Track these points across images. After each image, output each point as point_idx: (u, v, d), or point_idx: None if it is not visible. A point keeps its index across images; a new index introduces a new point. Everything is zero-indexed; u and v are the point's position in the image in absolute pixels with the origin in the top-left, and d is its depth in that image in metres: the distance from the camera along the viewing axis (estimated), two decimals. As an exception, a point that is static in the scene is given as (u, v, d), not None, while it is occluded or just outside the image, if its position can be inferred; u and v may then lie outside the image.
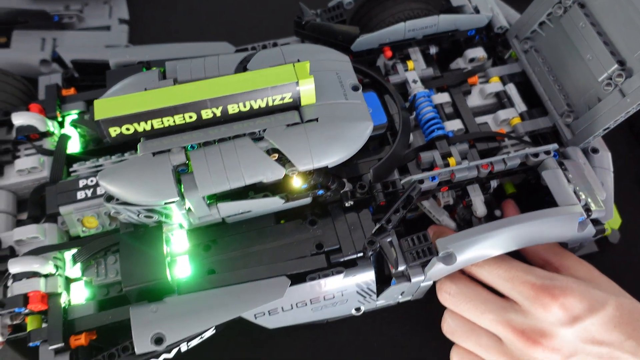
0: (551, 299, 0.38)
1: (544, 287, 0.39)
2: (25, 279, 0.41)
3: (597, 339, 0.38)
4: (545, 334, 0.39)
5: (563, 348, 0.39)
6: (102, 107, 0.37)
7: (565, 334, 0.38)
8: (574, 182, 0.43)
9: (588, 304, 0.38)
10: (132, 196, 0.38)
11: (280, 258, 0.43)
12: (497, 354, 0.41)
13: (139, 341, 0.38)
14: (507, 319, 0.40)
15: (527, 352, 0.39)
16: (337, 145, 0.39)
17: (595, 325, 0.38)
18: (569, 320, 0.38)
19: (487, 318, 0.40)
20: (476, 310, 0.41)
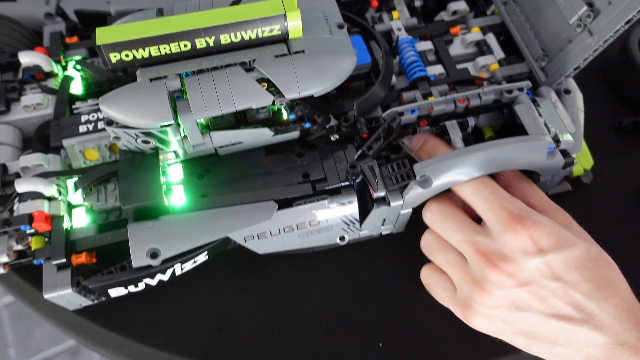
0: (522, 227, 0.40)
1: (519, 217, 0.40)
2: (30, 200, 0.44)
3: (555, 275, 0.39)
4: (506, 259, 0.40)
5: (519, 275, 0.40)
6: (104, 34, 0.39)
7: (525, 262, 0.39)
8: (545, 116, 0.45)
9: (556, 241, 0.40)
10: (131, 119, 0.40)
11: (269, 185, 0.46)
12: (459, 271, 0.43)
13: (136, 255, 0.41)
14: (474, 240, 0.41)
15: (484, 272, 0.40)
16: (322, 75, 0.42)
17: (557, 261, 0.39)
18: (533, 251, 0.39)
19: (457, 237, 0.42)
20: (449, 229, 0.43)
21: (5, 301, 1.44)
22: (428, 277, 0.46)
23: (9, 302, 1.44)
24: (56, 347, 1.37)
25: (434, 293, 0.46)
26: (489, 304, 0.41)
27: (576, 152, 0.46)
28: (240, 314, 0.47)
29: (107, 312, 0.48)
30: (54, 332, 1.39)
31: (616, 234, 0.52)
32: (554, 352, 0.40)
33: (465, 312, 0.43)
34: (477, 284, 0.41)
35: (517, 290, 0.40)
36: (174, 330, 0.47)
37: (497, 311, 0.41)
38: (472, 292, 0.42)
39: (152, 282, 0.44)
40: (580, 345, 0.39)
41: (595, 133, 0.56)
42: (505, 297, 0.40)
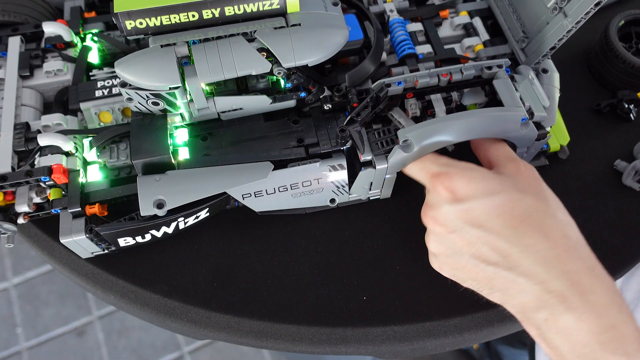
0: (437, 180, 0.44)
1: (436, 173, 0.44)
2: (50, 154, 0.48)
3: (476, 221, 0.41)
4: (432, 207, 0.44)
5: (446, 223, 0.43)
6: (121, 2, 0.44)
7: (447, 210, 0.43)
8: (521, 91, 0.49)
9: (475, 189, 0.42)
10: (143, 81, 0.45)
11: (266, 148, 0.50)
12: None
13: (144, 204, 0.46)
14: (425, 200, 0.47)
15: (426, 226, 0.46)
16: (316, 46, 0.46)
17: (478, 209, 0.41)
18: (452, 200, 0.42)
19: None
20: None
21: (15, 281, 1.49)
22: None
23: (19, 282, 1.49)
24: (63, 328, 1.42)
25: None
26: (434, 249, 0.46)
27: (549, 125, 0.50)
28: (237, 266, 0.52)
29: (115, 261, 0.52)
30: (60, 313, 1.44)
31: (591, 207, 0.56)
32: (498, 298, 0.43)
33: (429, 260, 0.48)
34: (426, 234, 0.47)
35: (448, 235, 0.43)
36: (176, 279, 0.51)
37: (442, 257, 0.46)
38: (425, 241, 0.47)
39: (158, 234, 0.49)
40: (513, 292, 0.41)
41: (575, 113, 0.60)
42: (442, 243, 0.45)
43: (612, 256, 0.53)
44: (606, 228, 0.54)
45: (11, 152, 0.48)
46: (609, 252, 0.53)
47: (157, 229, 0.48)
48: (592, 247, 0.43)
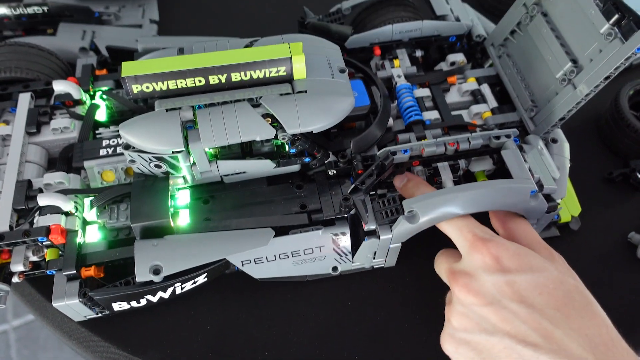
0: (484, 245, 0.41)
1: (483, 238, 0.42)
2: (50, 214, 0.48)
3: (519, 296, 0.39)
4: (469, 275, 0.41)
5: (482, 294, 0.40)
6: (128, 67, 0.44)
7: (487, 280, 0.40)
8: (530, 162, 0.48)
9: (520, 263, 0.40)
10: (146, 144, 0.45)
11: (269, 213, 0.49)
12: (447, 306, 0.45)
13: (140, 270, 0.45)
14: (451, 265, 0.44)
15: (454, 291, 0.42)
16: (322, 114, 0.46)
17: (522, 283, 0.39)
18: (494, 268, 0.40)
19: (442, 267, 0.45)
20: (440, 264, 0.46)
21: (14, 324, 1.47)
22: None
23: (18, 325, 1.46)
24: (59, 374, 1.38)
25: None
26: (456, 324, 0.42)
27: (560, 198, 0.48)
28: (234, 335, 0.50)
29: (109, 326, 0.50)
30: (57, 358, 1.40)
31: (603, 280, 0.53)
32: None
33: (442, 339, 0.44)
34: (448, 304, 0.43)
35: (481, 308, 0.40)
36: (170, 346, 0.49)
37: (465, 334, 0.41)
38: (447, 313, 0.44)
39: (153, 299, 0.47)
40: None
41: (587, 183, 0.59)
42: (471, 317, 0.40)
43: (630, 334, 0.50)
44: (622, 304, 0.52)
45: (10, 210, 0.47)
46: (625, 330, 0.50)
47: (153, 294, 0.47)
48: None
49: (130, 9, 0.73)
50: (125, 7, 0.73)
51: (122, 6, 0.73)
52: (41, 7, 0.67)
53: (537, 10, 0.52)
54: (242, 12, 0.80)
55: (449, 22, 0.59)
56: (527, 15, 0.53)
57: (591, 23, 0.46)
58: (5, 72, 0.56)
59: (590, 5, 0.46)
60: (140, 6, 0.74)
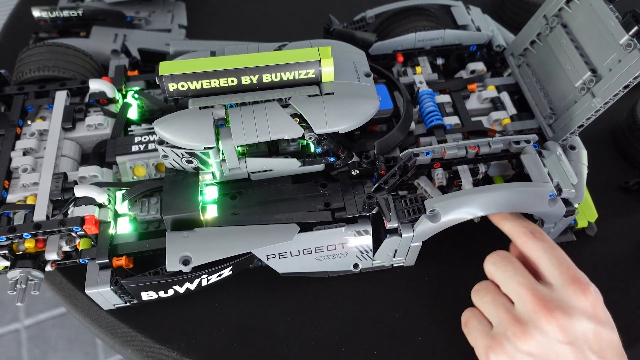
0: (588, 292, 0.42)
1: (586, 282, 0.43)
2: (84, 205, 0.50)
3: (599, 348, 0.41)
4: (565, 312, 0.41)
5: (569, 332, 0.40)
6: (165, 66, 0.46)
7: (582, 324, 0.40)
8: (549, 166, 0.50)
9: (608, 318, 0.43)
10: (179, 140, 0.47)
11: (293, 210, 0.50)
12: (505, 312, 0.43)
13: (171, 260, 0.46)
14: (535, 287, 0.43)
15: (535, 316, 0.41)
16: (347, 115, 0.48)
17: (604, 336, 0.41)
18: (590, 316, 0.41)
19: (517, 280, 0.43)
20: (510, 272, 0.44)
21: (26, 323, 1.49)
22: (469, 316, 0.47)
23: (30, 324, 1.48)
24: (68, 374, 1.40)
25: (469, 329, 0.47)
26: (523, 347, 0.41)
27: (578, 202, 0.50)
28: (257, 327, 0.51)
29: (136, 315, 0.52)
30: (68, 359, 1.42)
31: (618, 286, 0.54)
32: None
33: (489, 346, 0.43)
34: (519, 324, 0.42)
35: (560, 345, 0.40)
36: (195, 337, 0.51)
37: (525, 357, 0.41)
38: (508, 329, 0.42)
39: (180, 290, 0.49)
40: None
41: (603, 191, 0.60)
42: (544, 347, 0.41)
43: (644, 340, 0.51)
44: (636, 311, 0.53)
45: (47, 200, 0.50)
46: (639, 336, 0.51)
47: (180, 284, 0.48)
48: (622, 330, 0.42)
49: (160, 14, 0.76)
50: (155, 12, 0.76)
51: (152, 11, 0.76)
52: (76, 11, 0.70)
53: (557, 21, 0.54)
54: (267, 20, 0.83)
55: (470, 32, 0.60)
56: (547, 26, 0.55)
57: (610, 34, 0.48)
58: (43, 71, 0.59)
59: (610, 18, 0.48)
60: (169, 12, 0.76)
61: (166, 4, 0.78)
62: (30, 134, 0.55)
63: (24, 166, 0.52)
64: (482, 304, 0.46)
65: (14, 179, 0.52)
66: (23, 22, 0.81)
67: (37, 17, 0.70)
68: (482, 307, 0.46)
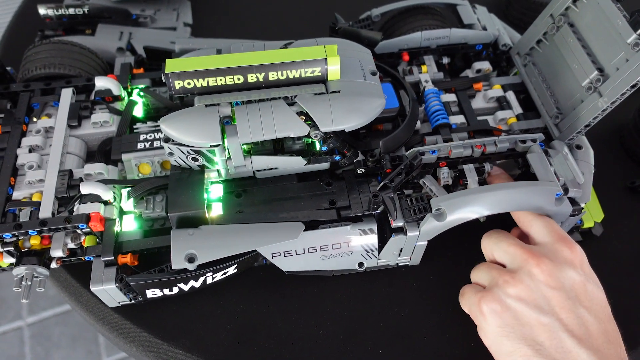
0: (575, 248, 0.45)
1: (571, 241, 0.46)
2: (90, 202, 0.50)
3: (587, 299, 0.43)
4: (552, 260, 0.43)
5: (556, 277, 0.43)
6: (172, 64, 0.46)
7: (568, 271, 0.43)
8: (556, 166, 0.50)
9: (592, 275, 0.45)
10: (185, 137, 0.47)
11: (299, 208, 0.50)
12: (495, 270, 0.46)
13: (176, 258, 0.46)
14: (524, 245, 0.45)
15: (525, 264, 0.43)
16: (354, 113, 0.48)
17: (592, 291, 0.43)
18: (578, 268, 0.44)
19: (508, 242, 0.46)
20: (503, 238, 0.47)
21: (29, 321, 1.49)
22: (465, 287, 0.49)
23: (33, 322, 1.49)
24: (70, 373, 1.40)
25: (464, 299, 0.48)
26: (512, 291, 0.43)
27: (584, 202, 0.49)
28: (261, 325, 0.51)
29: (141, 313, 0.52)
30: (70, 356, 1.42)
31: (624, 286, 0.54)
32: None
33: (482, 297, 0.44)
34: (509, 273, 0.44)
35: (548, 289, 0.42)
36: (199, 335, 0.51)
37: (516, 303, 0.43)
38: (499, 279, 0.44)
39: (185, 288, 0.49)
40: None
41: (609, 191, 0.60)
42: (532, 292, 0.43)
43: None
44: None
45: (53, 198, 0.50)
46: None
47: (185, 282, 0.48)
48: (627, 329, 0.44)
49: (165, 12, 0.76)
50: (161, 10, 0.76)
51: (157, 9, 0.76)
52: (81, 9, 0.70)
53: (564, 20, 0.54)
54: (273, 18, 0.83)
55: (476, 31, 0.60)
56: (554, 25, 0.55)
57: (618, 33, 0.47)
58: (49, 68, 0.59)
59: (618, 17, 0.47)
60: (174, 10, 0.77)
61: (171, 2, 0.78)
62: (36, 131, 0.55)
63: (30, 163, 0.52)
64: (476, 275, 0.49)
65: (20, 176, 0.52)
66: (29, 20, 0.81)
67: (43, 14, 0.70)
68: (477, 278, 0.48)
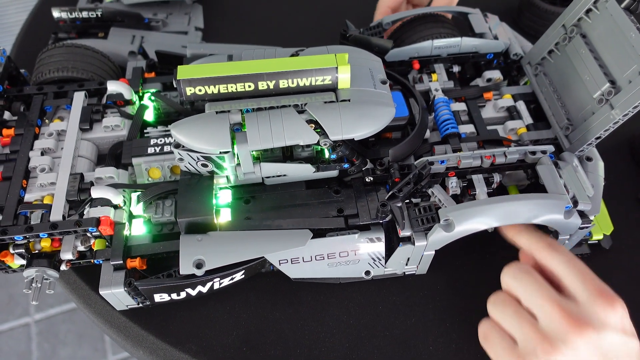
0: (617, 303, 0.42)
1: (611, 295, 0.43)
2: (100, 206, 0.50)
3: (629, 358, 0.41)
4: (595, 327, 0.41)
5: (599, 346, 0.40)
6: (183, 70, 0.47)
7: (611, 337, 0.41)
8: (565, 178, 0.49)
9: (632, 328, 0.43)
10: (196, 144, 0.47)
11: (307, 215, 0.51)
12: (529, 327, 0.42)
13: (184, 263, 0.47)
14: (561, 301, 0.42)
15: (565, 334, 0.41)
16: (363, 122, 0.48)
17: (631, 347, 0.42)
18: (619, 329, 0.41)
19: (541, 294, 0.43)
20: (533, 286, 0.44)
21: (37, 317, 1.51)
22: (488, 329, 0.46)
23: (40, 319, 1.50)
24: (77, 370, 1.41)
25: (490, 343, 0.46)
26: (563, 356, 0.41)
27: (594, 215, 0.49)
28: (268, 331, 0.51)
29: (148, 316, 0.52)
30: (77, 354, 1.43)
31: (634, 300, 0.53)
32: None
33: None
34: (547, 340, 0.41)
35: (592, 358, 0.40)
36: (206, 339, 0.51)
37: None
38: (537, 347, 0.41)
39: (192, 292, 0.49)
40: None
41: (619, 202, 0.59)
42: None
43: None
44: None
45: (64, 201, 0.50)
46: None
47: (193, 287, 0.49)
48: None
49: (177, 16, 0.76)
50: (173, 14, 0.77)
51: (169, 13, 0.76)
52: (95, 12, 0.71)
53: (576, 31, 0.53)
54: (283, 24, 0.83)
55: (487, 40, 0.60)
56: (566, 35, 0.55)
57: (631, 46, 0.47)
58: (62, 72, 0.60)
59: (631, 29, 0.47)
60: (186, 14, 0.77)
61: (183, 6, 0.78)
62: (49, 134, 0.56)
63: (42, 166, 0.53)
64: (502, 317, 0.45)
65: (32, 178, 0.53)
66: (43, 23, 0.82)
67: (56, 17, 0.71)
68: (502, 321, 0.45)
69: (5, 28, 1.55)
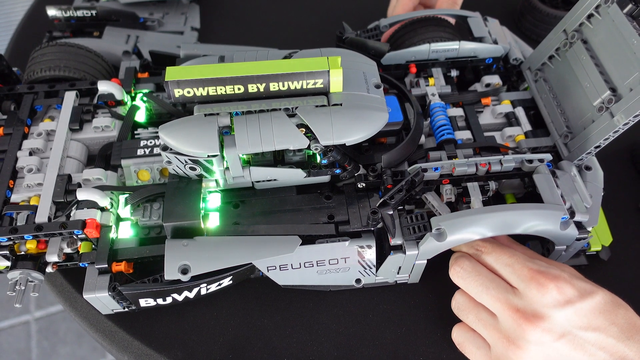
0: (546, 279, 0.42)
1: (540, 271, 0.43)
2: (86, 208, 0.49)
3: (585, 323, 0.41)
4: (539, 315, 0.41)
5: (555, 329, 0.41)
6: (172, 72, 0.46)
7: (558, 315, 0.41)
8: (562, 188, 0.48)
9: (578, 291, 0.42)
10: (183, 147, 0.46)
11: (296, 221, 0.49)
12: (492, 330, 0.44)
13: (169, 269, 0.46)
14: (506, 298, 0.43)
15: (520, 330, 0.42)
16: (355, 127, 0.46)
17: (584, 310, 0.41)
18: (561, 303, 0.41)
19: (490, 294, 0.44)
20: (482, 286, 0.45)
21: (37, 315, 1.50)
22: (461, 337, 0.48)
23: (40, 316, 1.50)
24: (77, 369, 1.41)
25: (467, 352, 0.47)
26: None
27: (591, 226, 0.48)
28: (255, 339, 0.50)
29: (134, 321, 0.52)
30: (76, 352, 1.43)
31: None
32: None
33: None
34: (512, 341, 0.42)
35: (555, 344, 0.41)
36: (192, 346, 0.50)
37: None
38: (507, 350, 0.43)
39: (179, 298, 0.48)
40: None
41: (619, 212, 0.58)
42: (543, 353, 0.41)
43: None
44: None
45: (50, 202, 0.49)
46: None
47: (179, 293, 0.48)
48: None
49: (174, 16, 0.75)
50: (169, 14, 0.76)
51: (166, 13, 0.76)
52: (90, 11, 0.70)
53: (577, 37, 0.52)
54: (281, 25, 0.82)
55: (486, 45, 0.59)
56: (567, 41, 0.53)
57: (633, 52, 0.46)
58: (54, 71, 0.59)
59: (633, 35, 0.46)
60: (183, 14, 0.76)
61: (180, 6, 0.78)
62: (38, 134, 0.55)
63: (29, 166, 0.52)
64: (468, 321, 0.47)
65: (19, 179, 0.52)
66: (39, 21, 0.82)
67: (51, 16, 0.70)
68: (471, 325, 0.47)
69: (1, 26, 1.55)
